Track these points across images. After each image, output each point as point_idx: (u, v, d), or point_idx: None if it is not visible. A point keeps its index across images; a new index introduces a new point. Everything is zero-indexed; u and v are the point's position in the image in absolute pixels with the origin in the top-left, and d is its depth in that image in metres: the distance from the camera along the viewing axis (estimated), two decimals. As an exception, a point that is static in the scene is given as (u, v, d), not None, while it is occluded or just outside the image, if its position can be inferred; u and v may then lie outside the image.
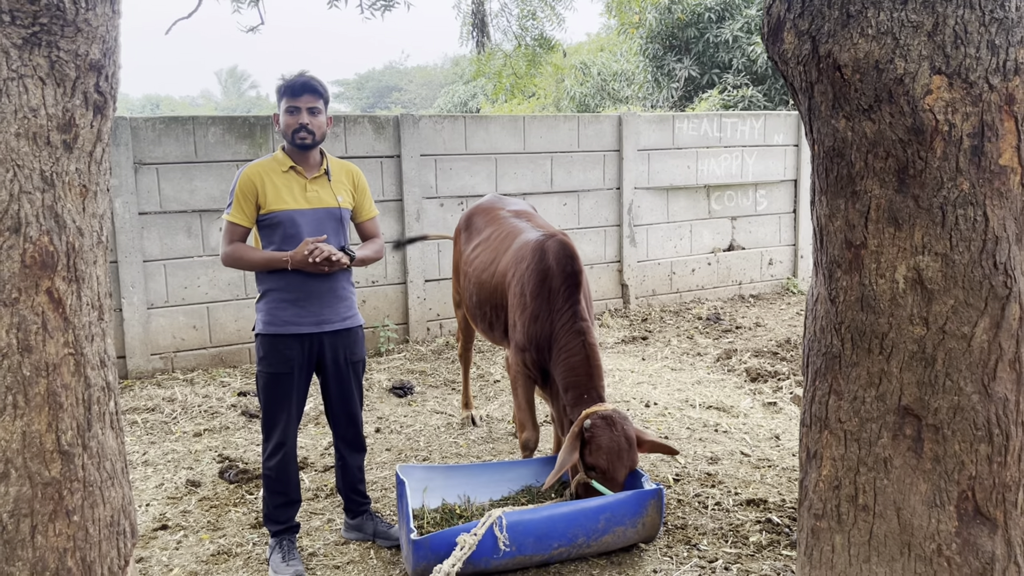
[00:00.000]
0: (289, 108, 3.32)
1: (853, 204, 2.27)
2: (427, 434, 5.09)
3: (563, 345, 3.63)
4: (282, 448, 3.43)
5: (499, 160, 7.67)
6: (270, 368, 3.40)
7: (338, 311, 3.45)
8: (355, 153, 7.04)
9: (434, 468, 3.83)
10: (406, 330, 7.45)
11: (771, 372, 6.12)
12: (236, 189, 3.34)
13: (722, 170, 8.81)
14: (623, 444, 3.37)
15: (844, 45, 2.15)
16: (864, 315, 2.30)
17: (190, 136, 6.47)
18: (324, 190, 3.44)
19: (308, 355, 3.43)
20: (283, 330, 3.37)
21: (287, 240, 3.35)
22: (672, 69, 13.79)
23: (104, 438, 1.66)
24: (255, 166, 3.39)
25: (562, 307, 3.67)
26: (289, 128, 3.33)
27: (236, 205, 3.35)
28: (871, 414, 2.33)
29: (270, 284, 3.39)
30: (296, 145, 3.36)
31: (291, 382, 3.41)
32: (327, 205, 3.43)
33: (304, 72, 3.38)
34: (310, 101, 3.33)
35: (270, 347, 3.38)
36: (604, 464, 3.36)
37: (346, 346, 3.50)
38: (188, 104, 50.19)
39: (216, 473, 4.51)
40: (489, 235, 4.46)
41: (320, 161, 3.48)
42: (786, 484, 4.22)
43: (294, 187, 3.38)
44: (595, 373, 3.60)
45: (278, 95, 3.37)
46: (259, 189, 3.33)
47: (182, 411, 5.54)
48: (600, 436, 3.36)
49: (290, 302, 3.37)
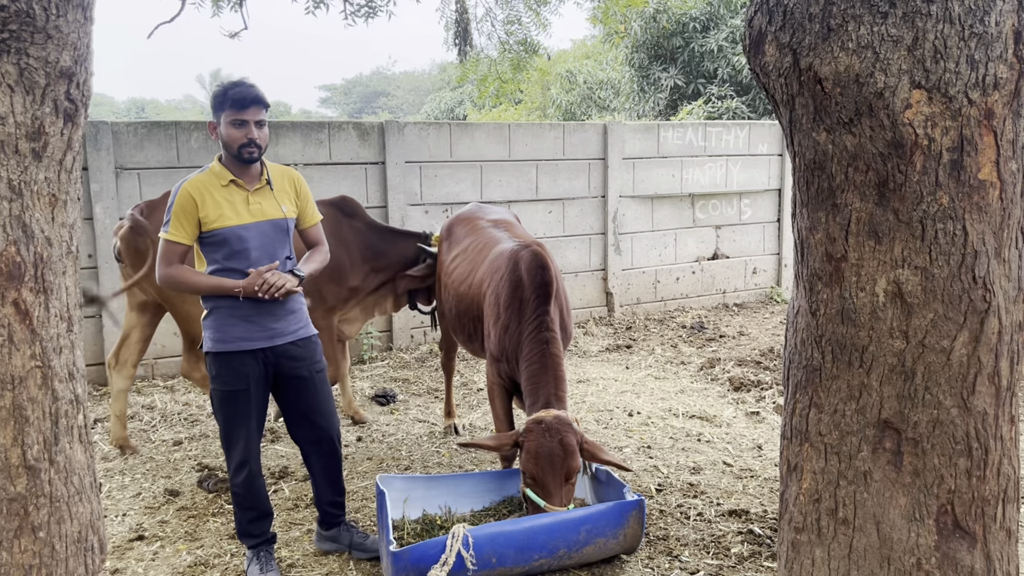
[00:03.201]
0: (235, 121, 3.13)
1: (834, 217, 2.27)
2: (409, 443, 5.05)
3: (526, 354, 3.59)
4: (246, 466, 3.32)
5: (484, 168, 7.66)
6: (225, 386, 3.26)
7: (288, 324, 3.33)
8: (340, 159, 7.01)
9: (415, 478, 3.80)
10: (390, 337, 7.41)
11: (754, 381, 6.13)
12: (174, 206, 3.13)
13: (707, 179, 8.83)
14: (556, 451, 3.27)
15: (825, 58, 2.15)
16: (844, 328, 2.30)
17: (172, 141, 6.42)
18: (267, 201, 3.27)
19: (264, 368, 3.31)
20: (235, 347, 3.24)
21: (234, 257, 3.21)
22: (657, 78, 13.83)
23: (72, 452, 1.62)
24: (193, 181, 3.18)
25: (530, 317, 3.64)
26: (235, 142, 3.14)
27: (175, 223, 3.14)
28: (851, 427, 2.33)
29: (217, 301, 3.25)
30: (242, 160, 3.18)
31: (248, 398, 3.28)
32: (271, 217, 3.26)
33: (244, 80, 3.19)
34: (256, 113, 3.15)
35: (223, 365, 3.25)
36: (535, 470, 3.29)
37: (305, 356, 3.38)
38: (174, 108, 49.92)
39: (195, 482, 4.46)
40: (468, 246, 4.43)
41: (260, 171, 3.30)
42: (768, 495, 4.21)
43: (236, 201, 3.20)
44: (551, 381, 3.52)
45: (218, 105, 3.16)
46: (199, 206, 3.14)
47: (161, 419, 5.49)
48: (531, 441, 3.30)
49: (240, 318, 3.23)
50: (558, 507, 3.30)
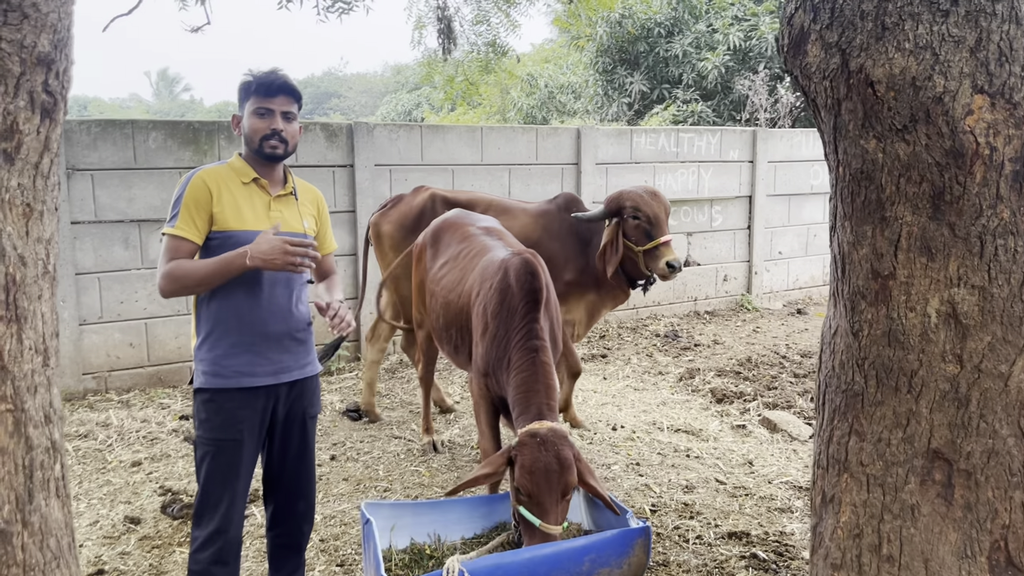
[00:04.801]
0: (259, 110, 2.74)
1: (882, 231, 2.11)
2: (387, 461, 4.80)
3: (514, 363, 3.37)
4: (221, 537, 2.70)
5: (456, 171, 7.43)
6: (214, 434, 2.71)
7: (298, 357, 2.85)
8: (306, 162, 6.71)
9: (402, 505, 3.56)
10: (358, 347, 7.13)
11: (736, 393, 6.00)
12: (185, 196, 2.68)
13: (679, 185, 8.72)
14: (553, 465, 2.99)
15: (878, 60, 1.98)
16: (891, 351, 2.13)
17: (129, 141, 6.07)
18: (289, 211, 2.85)
19: (262, 414, 2.78)
20: (234, 383, 2.71)
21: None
22: (623, 83, 13.74)
23: (48, 510, 1.36)
24: (210, 171, 2.76)
25: (518, 325, 3.44)
26: (257, 133, 2.74)
27: (185, 216, 2.67)
28: (897, 457, 2.17)
29: (216, 321, 2.72)
30: (264, 155, 2.77)
31: (239, 451, 2.73)
32: (293, 230, 2.80)
33: (277, 69, 2.81)
34: (285, 104, 2.78)
35: (216, 407, 2.71)
36: (529, 486, 2.99)
37: (304, 397, 2.90)
38: (118, 107, 48.52)
39: (158, 508, 4.14)
40: (458, 253, 4.20)
41: (284, 178, 2.91)
42: (766, 514, 4.07)
43: (256, 204, 2.78)
44: (541, 390, 3.27)
45: (244, 93, 2.79)
46: (215, 199, 2.70)
47: (118, 437, 5.14)
48: (526, 455, 3.01)
49: (243, 348, 2.71)
50: (553, 526, 3.07)
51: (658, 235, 4.80)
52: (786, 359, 7.01)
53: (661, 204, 4.90)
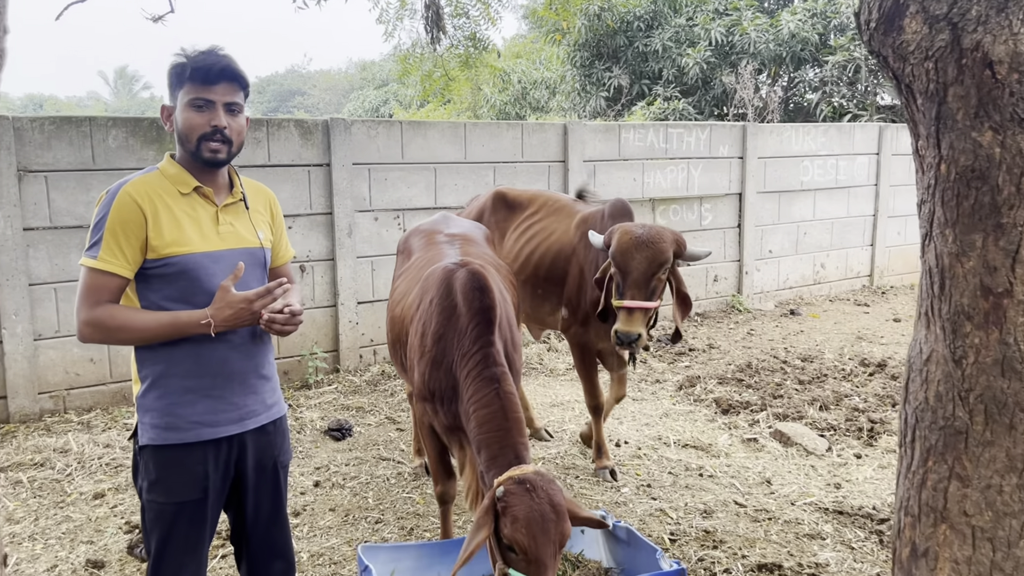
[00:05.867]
0: (196, 101, 2.22)
1: (996, 241, 1.77)
2: (376, 487, 4.40)
3: (472, 396, 2.85)
4: None
5: (439, 170, 7.03)
6: (170, 497, 2.24)
7: (265, 397, 2.40)
8: (280, 161, 6.28)
9: (402, 548, 3.18)
10: (336, 358, 6.71)
11: (741, 402, 5.69)
12: (110, 218, 2.16)
13: (668, 183, 8.41)
14: (548, 513, 2.52)
15: (999, 35, 1.65)
16: (1005, 381, 1.80)
17: (87, 140, 5.59)
18: (241, 223, 2.37)
19: (225, 468, 2.33)
20: (191, 437, 2.24)
21: (191, 297, 2.24)
22: (601, 78, 13.42)
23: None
24: (138, 184, 2.23)
25: (470, 350, 2.92)
26: (195, 131, 2.23)
27: (111, 244, 2.16)
28: (1011, 507, 1.84)
29: (167, 362, 2.24)
30: (202, 160, 2.26)
31: (202, 513, 2.29)
32: (248, 245, 2.36)
33: (217, 49, 2.28)
34: (228, 93, 2.26)
35: (169, 466, 2.24)
36: (524, 540, 2.48)
37: (275, 444, 2.46)
38: (76, 105, 47.19)
39: (123, 548, 3.72)
40: (414, 261, 3.76)
41: (230, 181, 2.41)
42: (795, 542, 3.75)
43: (201, 218, 2.29)
44: (513, 427, 2.77)
45: (175, 79, 2.25)
46: (150, 221, 2.19)
47: (78, 465, 4.67)
48: (516, 505, 2.50)
49: (201, 392, 2.26)
50: None
51: (624, 296, 3.91)
52: (787, 364, 6.72)
53: (642, 257, 3.87)
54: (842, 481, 4.43)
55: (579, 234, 4.60)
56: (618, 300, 3.92)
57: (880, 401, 5.72)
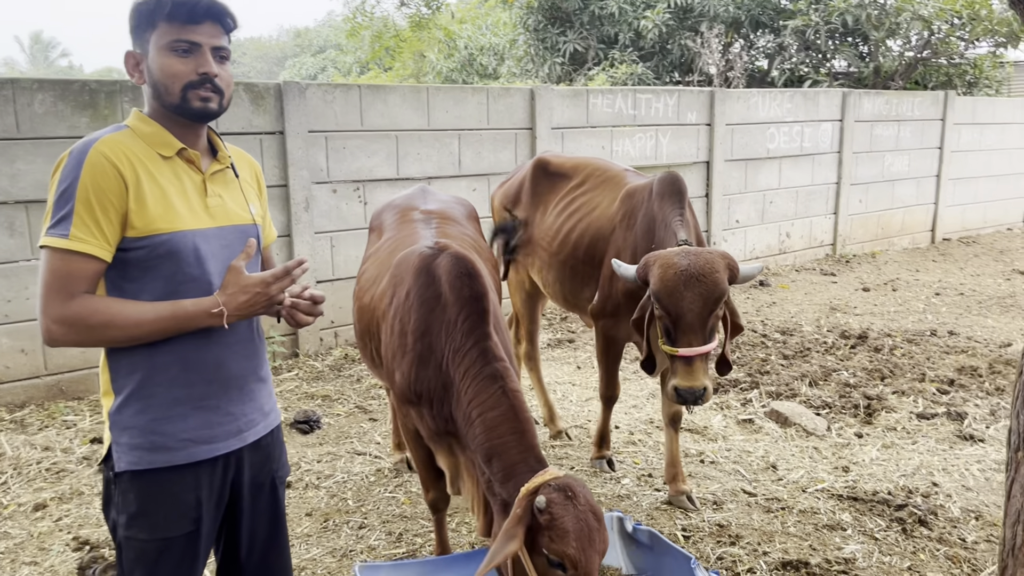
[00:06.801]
0: (179, 44, 1.78)
1: None
2: (355, 486, 4.02)
3: (472, 397, 2.51)
4: None
5: (400, 138, 6.57)
6: (152, 533, 1.85)
7: (261, 404, 2.03)
8: (228, 128, 5.74)
9: (403, 566, 2.82)
10: (295, 342, 6.25)
11: (729, 380, 5.46)
12: (80, 184, 1.71)
13: (636, 151, 8.11)
14: (592, 523, 2.25)
15: None
16: None
17: (9, 104, 4.98)
18: (231, 195, 1.96)
19: (220, 492, 1.95)
20: (181, 458, 1.85)
21: (178, 286, 1.81)
22: (555, 42, 12.99)
23: None
24: (111, 143, 1.78)
25: (463, 345, 2.57)
26: (178, 80, 1.79)
27: (84, 217, 1.71)
28: None
29: (149, 369, 1.82)
30: (191, 112, 1.83)
31: (193, 552, 1.91)
32: (240, 222, 1.95)
33: None
34: (215, 36, 1.83)
35: (155, 495, 1.84)
36: (575, 554, 2.18)
37: (273, 458, 2.10)
38: (-10, 71, 44.64)
39: (73, 570, 3.27)
40: (385, 242, 3.31)
41: (211, 145, 1.99)
42: (815, 534, 3.51)
43: (188, 188, 1.86)
44: (527, 429, 2.45)
45: (146, 18, 1.80)
46: (130, 188, 1.75)
47: (14, 472, 4.16)
48: (563, 516, 2.20)
49: (192, 404, 1.86)
50: None
51: (678, 342, 3.15)
52: (767, 338, 6.52)
53: (695, 296, 3.10)
54: (849, 464, 4.21)
55: (622, 211, 3.97)
56: (670, 347, 3.18)
57: (869, 376, 5.55)
